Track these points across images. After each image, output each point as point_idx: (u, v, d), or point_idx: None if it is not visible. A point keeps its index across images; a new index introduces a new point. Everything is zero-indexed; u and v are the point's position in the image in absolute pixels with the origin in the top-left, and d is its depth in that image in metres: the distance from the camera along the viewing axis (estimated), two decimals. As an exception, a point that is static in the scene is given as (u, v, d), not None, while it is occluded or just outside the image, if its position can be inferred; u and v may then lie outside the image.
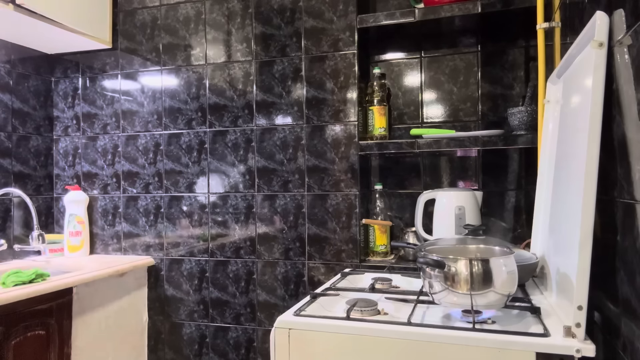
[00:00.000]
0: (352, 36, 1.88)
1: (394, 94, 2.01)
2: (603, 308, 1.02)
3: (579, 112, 1.06)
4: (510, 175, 1.86)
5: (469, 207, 1.72)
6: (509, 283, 0.98)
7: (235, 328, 2.03)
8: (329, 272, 1.90)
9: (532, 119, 1.63)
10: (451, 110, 1.94)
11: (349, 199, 1.89)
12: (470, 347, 0.92)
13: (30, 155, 2.21)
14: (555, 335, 0.90)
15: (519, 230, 1.85)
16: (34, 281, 1.62)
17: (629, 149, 0.85)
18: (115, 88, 2.22)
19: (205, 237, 2.06)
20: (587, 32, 0.98)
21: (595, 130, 0.87)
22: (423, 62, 1.97)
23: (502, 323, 1.01)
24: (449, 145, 1.71)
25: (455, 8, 1.68)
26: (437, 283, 1.01)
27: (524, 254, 1.35)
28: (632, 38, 0.83)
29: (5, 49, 2.09)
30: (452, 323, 1.01)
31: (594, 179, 0.87)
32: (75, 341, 1.72)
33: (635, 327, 0.82)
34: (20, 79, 2.16)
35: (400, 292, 1.26)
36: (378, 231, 1.89)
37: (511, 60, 1.86)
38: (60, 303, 1.66)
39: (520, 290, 1.22)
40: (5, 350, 1.45)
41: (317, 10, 1.92)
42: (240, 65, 2.03)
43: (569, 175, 1.10)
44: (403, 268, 1.70)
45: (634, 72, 0.83)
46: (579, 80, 1.09)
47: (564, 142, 1.23)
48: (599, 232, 1.02)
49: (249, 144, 2.02)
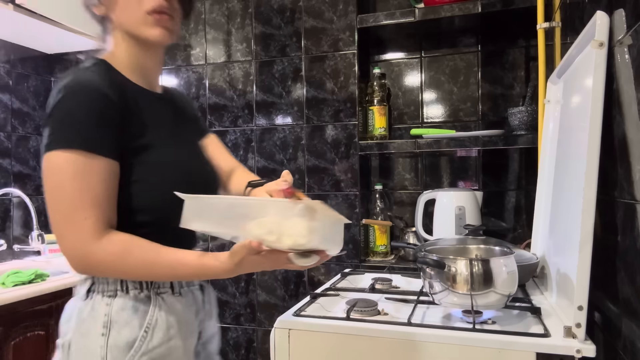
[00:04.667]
0: (352, 36, 1.88)
1: (394, 94, 2.01)
2: (603, 308, 1.02)
3: (579, 112, 1.06)
4: (511, 175, 1.86)
5: (469, 207, 1.72)
6: (509, 283, 0.98)
7: (235, 328, 2.02)
8: (329, 272, 1.89)
9: (532, 119, 1.63)
10: (451, 110, 1.94)
11: (349, 199, 1.89)
12: (471, 347, 0.92)
13: (30, 155, 2.21)
14: (555, 335, 0.90)
15: (519, 230, 1.85)
16: (34, 281, 1.61)
17: (629, 149, 0.85)
18: (115, 88, 2.22)
19: (205, 236, 2.06)
20: (588, 32, 0.98)
21: (596, 130, 0.87)
22: (423, 62, 1.97)
23: (503, 323, 1.01)
24: (449, 145, 1.71)
25: (456, 8, 1.68)
26: (437, 283, 1.00)
27: (524, 254, 1.35)
28: (633, 38, 0.83)
29: (5, 49, 2.09)
30: (452, 323, 1.01)
31: (594, 179, 0.87)
32: (75, 341, 1.72)
33: (635, 327, 0.82)
34: (20, 78, 2.16)
35: (400, 292, 1.25)
36: (378, 231, 1.89)
37: (511, 60, 1.86)
38: (60, 303, 1.66)
39: (520, 291, 1.22)
40: (5, 350, 1.45)
41: (317, 10, 1.92)
42: (240, 65, 2.03)
43: (569, 175, 1.10)
44: (403, 268, 1.69)
45: (634, 72, 0.83)
46: (579, 80, 1.09)
47: (564, 142, 1.23)
48: (599, 232, 1.01)
49: (249, 144, 2.01)
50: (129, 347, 0.81)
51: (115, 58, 0.91)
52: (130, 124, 0.84)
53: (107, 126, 0.80)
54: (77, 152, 0.78)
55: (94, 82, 0.81)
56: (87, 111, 0.79)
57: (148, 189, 0.84)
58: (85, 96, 0.80)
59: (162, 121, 0.93)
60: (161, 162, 0.87)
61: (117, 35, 0.91)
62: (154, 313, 0.84)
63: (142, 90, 0.92)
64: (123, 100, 0.84)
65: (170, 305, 0.87)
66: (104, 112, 0.80)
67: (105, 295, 0.84)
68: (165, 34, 0.88)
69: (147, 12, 0.86)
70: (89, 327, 0.82)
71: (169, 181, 0.86)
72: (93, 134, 0.79)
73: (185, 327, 0.88)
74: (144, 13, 0.86)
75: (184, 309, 0.89)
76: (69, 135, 0.78)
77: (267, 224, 0.72)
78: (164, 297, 0.86)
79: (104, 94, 0.80)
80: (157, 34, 0.88)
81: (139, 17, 0.87)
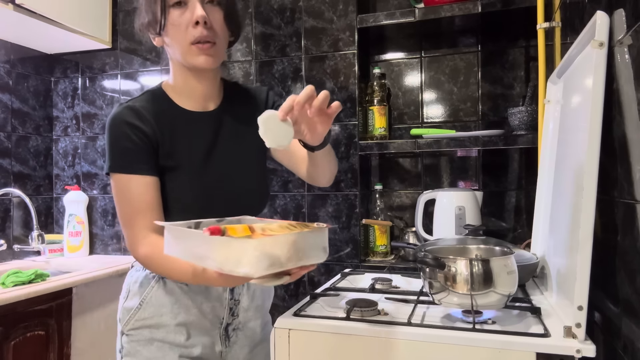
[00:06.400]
0: (352, 36, 1.88)
1: (394, 94, 2.00)
2: (603, 308, 1.02)
3: (579, 112, 1.06)
4: (511, 175, 1.86)
5: (469, 207, 1.71)
6: (510, 283, 0.98)
7: (235, 328, 2.02)
8: (329, 272, 1.89)
9: (532, 119, 1.63)
10: (451, 110, 1.94)
11: (349, 199, 1.89)
12: (471, 347, 0.92)
13: (30, 155, 2.21)
14: (555, 335, 0.90)
15: (519, 230, 1.85)
16: (34, 281, 1.61)
17: (629, 149, 0.85)
18: (115, 88, 2.22)
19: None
20: (588, 32, 0.98)
21: (596, 130, 0.87)
22: (423, 62, 1.97)
23: (503, 323, 1.01)
24: (449, 145, 1.71)
25: (456, 8, 1.68)
26: (437, 283, 1.00)
27: (524, 254, 1.35)
28: (633, 38, 0.83)
29: (5, 49, 2.09)
30: (452, 323, 1.01)
31: (594, 179, 0.87)
32: (75, 341, 1.72)
33: (635, 327, 0.82)
34: (19, 78, 2.16)
35: (400, 292, 1.25)
36: (378, 231, 1.89)
37: (511, 60, 1.86)
38: (60, 303, 1.66)
39: (520, 291, 1.22)
40: (5, 350, 1.45)
41: (317, 10, 1.92)
42: (240, 65, 2.03)
43: (569, 176, 1.10)
44: (403, 268, 1.69)
45: (634, 72, 0.83)
46: (579, 80, 1.09)
47: (564, 142, 1.23)
48: (599, 232, 1.01)
49: (249, 144, 2.01)
50: (129, 311, 1.05)
51: (173, 83, 1.07)
52: (163, 146, 1.01)
53: (137, 150, 0.98)
54: (117, 174, 0.99)
55: (125, 117, 0.99)
56: (117, 141, 0.98)
57: (170, 205, 1.02)
58: (116, 129, 0.99)
59: (198, 143, 1.05)
60: (180, 185, 1.02)
61: (174, 63, 1.06)
62: (151, 291, 1.04)
63: (186, 113, 1.06)
64: (158, 126, 1.01)
65: (170, 288, 1.04)
66: (132, 140, 0.98)
67: (133, 269, 1.10)
68: (209, 60, 0.99)
69: (191, 43, 0.97)
70: (122, 291, 1.11)
71: (183, 202, 1.02)
72: (125, 159, 0.98)
73: (184, 310, 1.04)
74: (188, 44, 0.97)
75: (185, 295, 1.05)
76: (109, 162, 0.99)
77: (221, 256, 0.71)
78: (166, 281, 1.04)
79: (132, 125, 0.98)
80: (201, 61, 0.99)
81: (184, 48, 0.98)
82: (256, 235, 0.70)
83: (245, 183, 1.10)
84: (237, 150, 1.10)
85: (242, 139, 1.11)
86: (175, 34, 0.98)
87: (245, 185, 1.10)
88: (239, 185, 1.09)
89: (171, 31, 0.98)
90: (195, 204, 1.03)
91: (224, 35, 1.02)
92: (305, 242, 0.76)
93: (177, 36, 0.98)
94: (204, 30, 0.96)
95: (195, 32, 0.96)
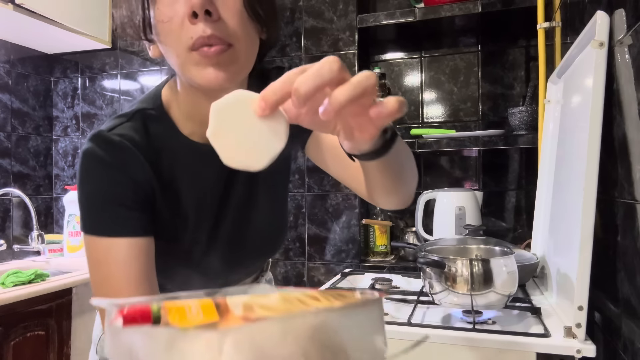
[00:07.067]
0: (352, 36, 1.88)
1: (394, 93, 2.00)
2: (603, 308, 1.02)
3: (579, 112, 1.06)
4: (511, 175, 1.86)
5: (469, 207, 1.71)
6: (510, 283, 0.98)
7: (235, 328, 2.02)
8: (329, 272, 1.89)
9: (532, 119, 1.63)
10: (451, 110, 1.93)
11: (349, 199, 1.89)
12: (471, 347, 0.92)
13: (30, 155, 2.21)
14: (555, 335, 0.90)
15: (519, 230, 1.85)
16: (34, 281, 1.61)
17: (630, 149, 0.85)
18: (115, 88, 2.22)
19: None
20: (588, 31, 0.98)
21: (596, 130, 0.87)
22: (423, 62, 1.97)
23: (503, 323, 1.01)
24: (449, 145, 1.71)
25: (456, 8, 1.67)
26: (437, 283, 1.00)
27: (524, 254, 1.35)
28: (633, 38, 0.83)
29: (5, 49, 2.09)
30: (452, 323, 1.01)
31: (595, 179, 0.87)
32: (75, 341, 1.72)
33: (635, 327, 0.82)
34: (19, 78, 2.16)
35: (400, 292, 1.25)
36: (378, 231, 1.89)
37: (511, 60, 1.86)
38: (60, 303, 1.66)
39: (520, 291, 1.22)
40: (5, 350, 1.45)
41: (317, 10, 1.92)
42: (240, 65, 2.02)
43: (569, 175, 1.10)
44: (403, 268, 1.69)
45: (634, 72, 0.83)
46: (579, 80, 1.09)
47: (564, 142, 1.23)
48: (600, 232, 1.01)
49: (249, 144, 2.01)
50: None
51: (177, 102, 0.71)
52: (158, 192, 0.70)
53: (121, 202, 0.66)
54: (92, 237, 0.67)
55: (102, 154, 0.65)
56: (92, 190, 0.66)
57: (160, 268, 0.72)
58: (90, 172, 0.66)
59: (205, 185, 0.75)
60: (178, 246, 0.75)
61: (180, 78, 0.69)
62: None
63: (190, 145, 0.72)
64: (152, 164, 0.68)
65: None
66: (113, 187, 0.66)
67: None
68: (219, 76, 0.59)
69: (190, 48, 0.59)
70: None
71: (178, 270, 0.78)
72: (104, 214, 0.66)
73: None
74: (186, 50, 0.59)
75: None
76: (83, 220, 0.68)
77: None
78: None
79: (112, 165, 0.66)
80: (207, 77, 0.60)
81: (180, 57, 0.61)
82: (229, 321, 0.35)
83: (265, 234, 0.84)
84: (258, 200, 0.80)
85: (266, 183, 0.80)
86: (167, 35, 0.60)
87: (265, 236, 0.84)
88: (256, 238, 0.82)
89: (162, 32, 0.61)
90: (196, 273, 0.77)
91: (244, 30, 0.61)
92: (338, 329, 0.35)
93: (169, 39, 0.60)
94: (206, 25, 0.57)
95: (194, 31, 0.58)
